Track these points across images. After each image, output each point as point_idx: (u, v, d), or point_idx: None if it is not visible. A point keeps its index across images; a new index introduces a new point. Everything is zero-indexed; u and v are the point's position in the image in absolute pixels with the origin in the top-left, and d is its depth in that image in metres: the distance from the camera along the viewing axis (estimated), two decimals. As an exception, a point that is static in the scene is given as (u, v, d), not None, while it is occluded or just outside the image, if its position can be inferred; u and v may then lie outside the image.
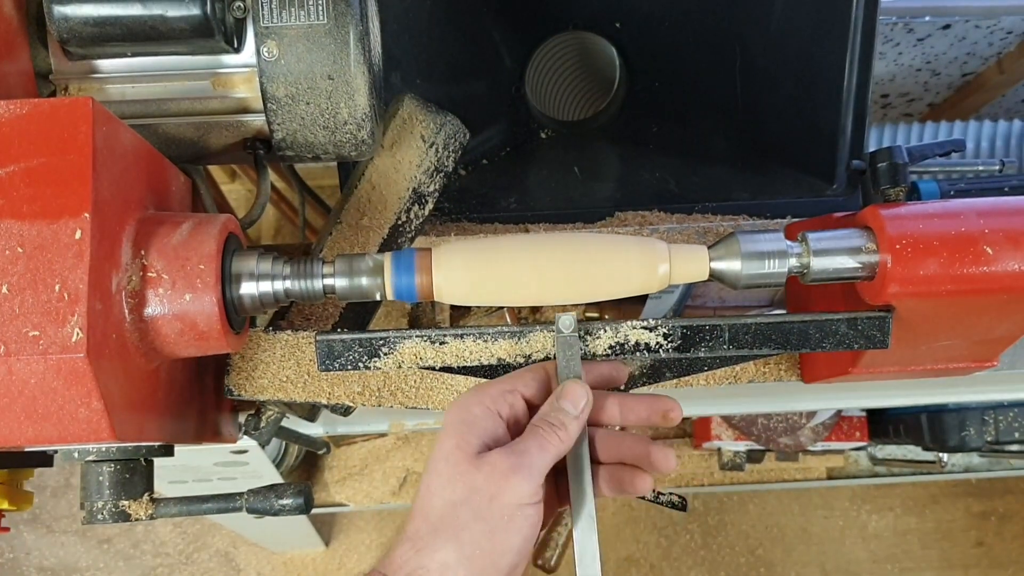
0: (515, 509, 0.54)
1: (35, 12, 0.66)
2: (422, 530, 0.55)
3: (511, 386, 0.60)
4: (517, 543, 0.55)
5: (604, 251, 0.62)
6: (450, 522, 0.54)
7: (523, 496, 0.54)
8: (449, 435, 0.57)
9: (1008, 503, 2.10)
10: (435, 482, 0.56)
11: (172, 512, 0.71)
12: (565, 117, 1.10)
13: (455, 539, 0.54)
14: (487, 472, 0.55)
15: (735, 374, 0.81)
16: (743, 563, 2.06)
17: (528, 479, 0.55)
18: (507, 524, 0.54)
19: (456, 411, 0.58)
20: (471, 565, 0.53)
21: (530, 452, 0.56)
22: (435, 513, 0.55)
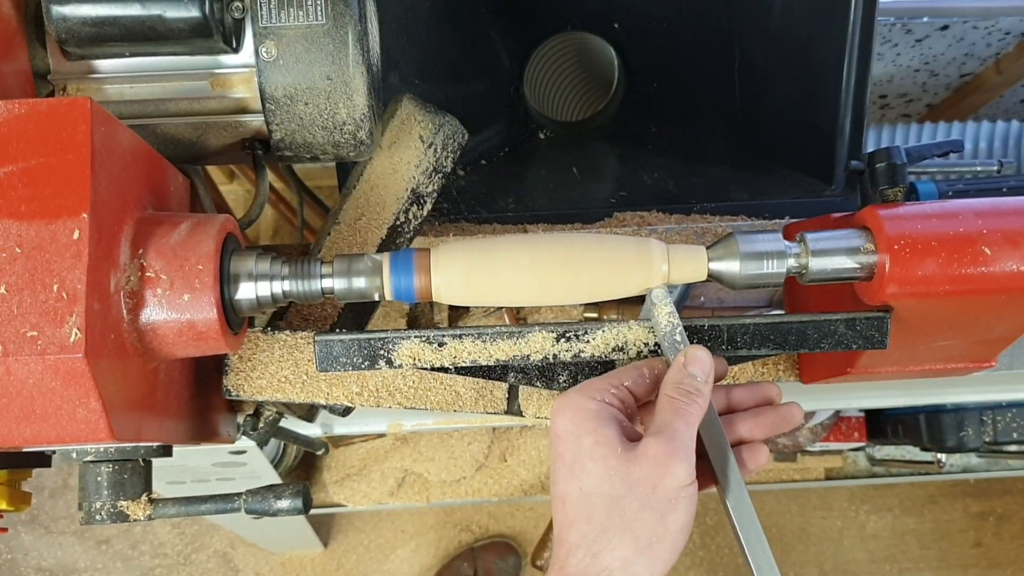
0: (678, 491, 0.54)
1: (34, 12, 0.66)
2: (590, 533, 0.54)
3: (617, 380, 0.59)
4: (685, 522, 0.54)
5: (603, 251, 0.62)
6: (618, 518, 0.53)
7: (683, 478, 0.54)
8: (579, 435, 0.56)
9: (1006, 503, 2.10)
10: (587, 483, 0.54)
11: (170, 513, 0.71)
12: (564, 117, 1.10)
13: (629, 532, 0.53)
14: (643, 462, 0.54)
15: (734, 375, 0.81)
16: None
17: (685, 460, 0.54)
18: (673, 508, 0.54)
19: (574, 409, 0.57)
20: (650, 553, 0.53)
21: (679, 431, 0.55)
22: (599, 513, 0.54)
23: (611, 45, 1.04)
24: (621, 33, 1.03)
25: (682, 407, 0.56)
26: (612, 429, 0.55)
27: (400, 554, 2.05)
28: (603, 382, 0.59)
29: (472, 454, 1.61)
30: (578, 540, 0.54)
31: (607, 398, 0.58)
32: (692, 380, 0.57)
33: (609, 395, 0.58)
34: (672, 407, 0.56)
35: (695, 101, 1.03)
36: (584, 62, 1.07)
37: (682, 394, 0.57)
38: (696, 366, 0.58)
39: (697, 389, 0.57)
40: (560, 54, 1.07)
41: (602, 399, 0.57)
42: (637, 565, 0.53)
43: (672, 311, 0.61)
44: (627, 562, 0.53)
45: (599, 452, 0.55)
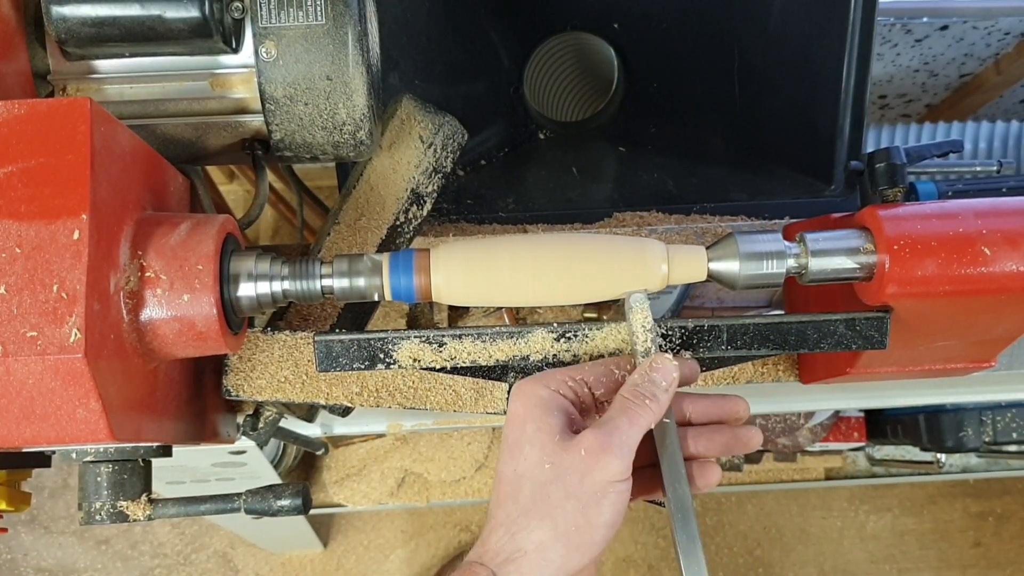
0: (606, 486, 0.54)
1: (33, 12, 0.66)
2: (513, 513, 0.55)
3: (577, 374, 0.60)
4: (610, 518, 0.55)
5: (602, 252, 0.62)
6: (541, 503, 0.54)
7: (614, 473, 0.54)
8: (525, 419, 0.57)
9: (1006, 503, 2.10)
10: (521, 466, 0.56)
11: (170, 513, 0.71)
12: (563, 118, 1.10)
13: (549, 518, 0.54)
14: (576, 452, 0.55)
15: (733, 375, 0.81)
16: (741, 564, 2.06)
17: (619, 456, 0.55)
18: (599, 501, 0.54)
19: (525, 395, 0.58)
20: (567, 541, 0.54)
21: (620, 428, 0.56)
22: (525, 496, 0.55)
23: (611, 45, 1.04)
24: (621, 33, 1.03)
25: (632, 408, 0.57)
26: (556, 418, 0.57)
27: (400, 554, 2.05)
28: (563, 373, 0.60)
29: (472, 454, 1.61)
30: (502, 519, 0.55)
31: (561, 388, 0.59)
32: (651, 385, 0.58)
33: (565, 386, 0.59)
34: (622, 406, 0.57)
35: (695, 101, 1.03)
36: (584, 62, 1.07)
37: (636, 396, 0.57)
38: (659, 373, 0.58)
39: (653, 395, 0.57)
40: (560, 54, 1.07)
41: (555, 389, 0.58)
42: (551, 551, 0.54)
43: (648, 316, 0.62)
44: (542, 546, 0.54)
45: (538, 438, 0.56)
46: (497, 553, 0.54)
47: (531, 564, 0.54)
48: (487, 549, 0.55)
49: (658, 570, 2.05)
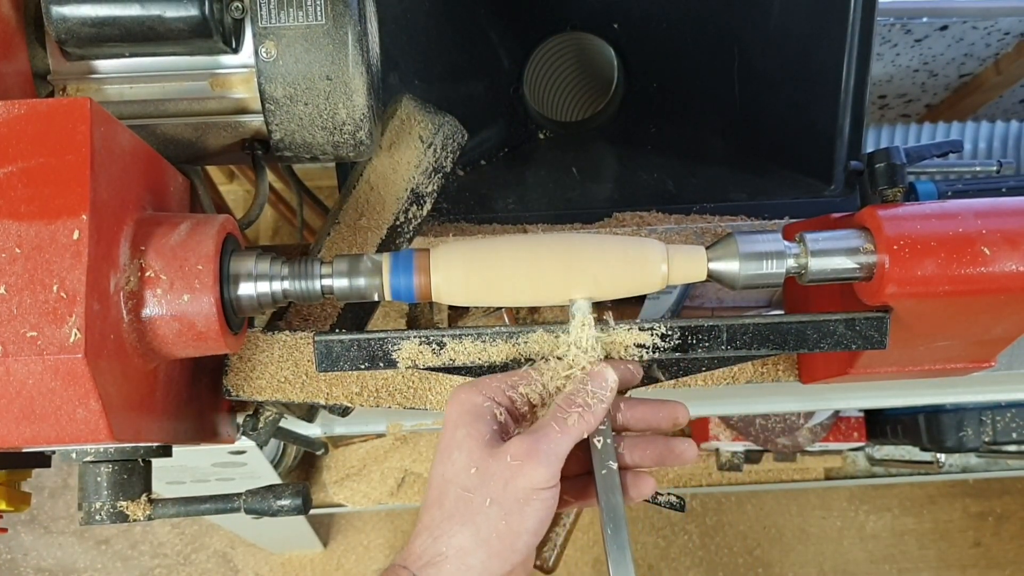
0: (530, 493, 0.55)
1: (33, 12, 0.66)
2: (437, 518, 0.56)
3: (513, 381, 0.60)
4: (532, 526, 0.55)
5: (602, 252, 0.62)
6: (464, 508, 0.55)
7: (538, 481, 0.55)
8: (457, 425, 0.57)
9: (1005, 503, 2.10)
10: (448, 471, 0.56)
11: (170, 513, 0.71)
12: (563, 118, 1.10)
13: (471, 523, 0.54)
14: (502, 459, 0.55)
15: (733, 375, 0.81)
16: (741, 564, 2.06)
17: (545, 464, 0.55)
18: (522, 508, 0.55)
19: (459, 401, 0.59)
20: (488, 548, 0.54)
21: (549, 436, 0.56)
22: (450, 501, 0.55)
23: (611, 45, 1.04)
24: (621, 33, 1.03)
25: (563, 417, 0.57)
26: (487, 425, 0.57)
27: (400, 554, 2.05)
28: (500, 380, 0.60)
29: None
30: (427, 523, 0.56)
31: (496, 395, 0.59)
32: (585, 395, 0.58)
33: (500, 393, 0.59)
34: (554, 414, 0.57)
35: (695, 101, 1.03)
36: (584, 62, 1.07)
37: (570, 405, 0.58)
38: (595, 383, 0.59)
39: (587, 404, 0.58)
40: (560, 54, 1.07)
41: (490, 395, 0.59)
42: (472, 556, 0.54)
43: (590, 324, 0.62)
44: (463, 551, 0.54)
45: (467, 444, 0.56)
46: (419, 556, 0.55)
47: (451, 569, 0.54)
48: (411, 552, 0.56)
49: (658, 570, 2.05)
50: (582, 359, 0.61)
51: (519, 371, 0.62)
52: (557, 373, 0.61)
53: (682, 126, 1.04)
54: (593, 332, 0.62)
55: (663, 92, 1.04)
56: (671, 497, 0.73)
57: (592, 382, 0.59)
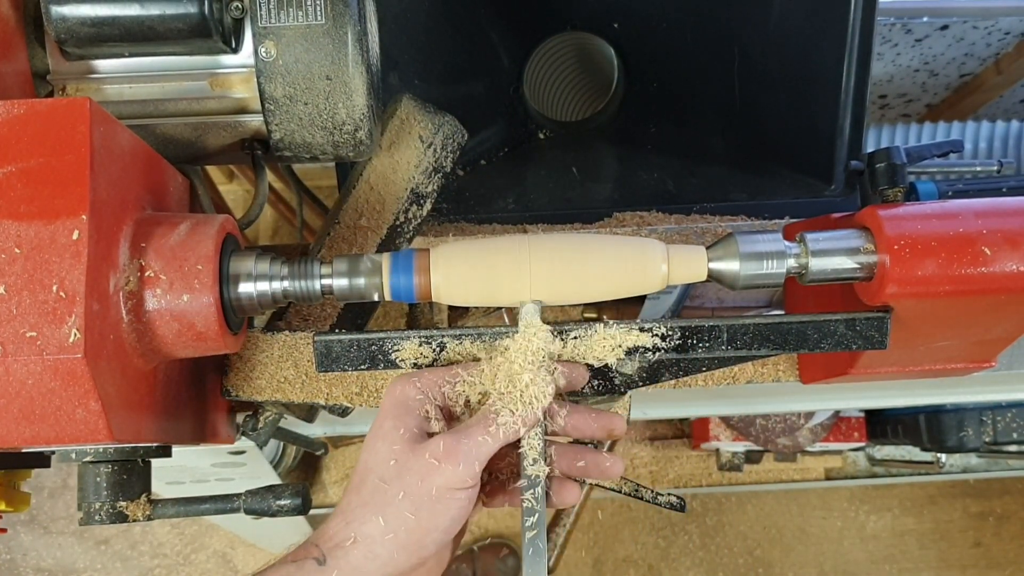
0: (444, 491, 0.55)
1: (33, 12, 0.66)
2: (353, 503, 0.57)
3: (451, 376, 0.60)
4: (443, 524, 0.56)
5: (602, 252, 0.62)
6: (379, 498, 0.56)
7: (454, 480, 0.55)
8: (386, 416, 0.58)
9: (1006, 503, 2.10)
10: (371, 460, 0.57)
11: (169, 513, 0.71)
12: (563, 117, 1.10)
13: (382, 513, 0.55)
14: (421, 455, 0.56)
15: (733, 375, 0.81)
16: (741, 564, 2.06)
17: (463, 464, 0.55)
18: (434, 505, 0.55)
19: (392, 393, 0.59)
20: (396, 540, 0.55)
21: (472, 437, 0.56)
22: (367, 489, 0.56)
23: (611, 45, 1.04)
24: (621, 33, 1.03)
25: (492, 420, 0.57)
26: (414, 418, 0.58)
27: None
28: (438, 374, 0.60)
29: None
30: (343, 507, 0.57)
31: (430, 389, 0.59)
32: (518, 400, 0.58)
33: (435, 387, 0.60)
34: (482, 416, 0.58)
35: (695, 101, 1.03)
36: (584, 62, 1.07)
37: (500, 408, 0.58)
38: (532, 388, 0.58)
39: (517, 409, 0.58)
40: (560, 54, 1.07)
41: (424, 388, 0.59)
42: (379, 546, 0.55)
43: (536, 327, 0.61)
44: (370, 540, 0.55)
45: (391, 436, 0.57)
46: (331, 538, 0.56)
47: (358, 554, 0.55)
48: (324, 532, 0.57)
49: (658, 570, 2.05)
50: (522, 362, 0.60)
51: (459, 366, 0.61)
52: (497, 373, 0.60)
53: (682, 126, 1.04)
54: (543, 335, 0.61)
55: (663, 92, 1.04)
56: (671, 497, 0.73)
57: (528, 387, 0.59)
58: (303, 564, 0.55)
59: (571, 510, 1.56)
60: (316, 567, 0.55)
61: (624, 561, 2.05)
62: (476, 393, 0.61)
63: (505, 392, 0.59)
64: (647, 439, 1.81)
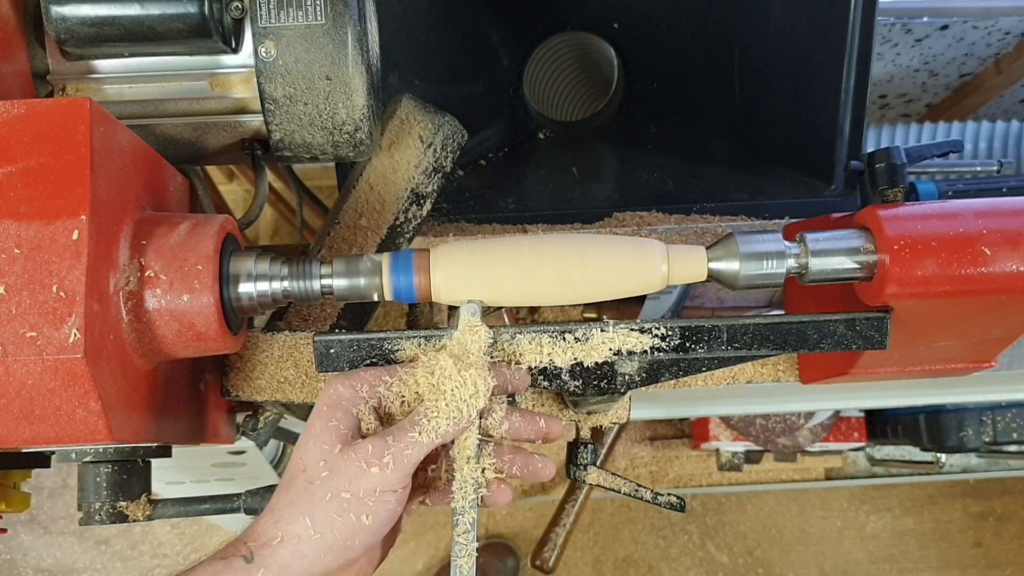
0: (373, 493, 0.55)
1: (33, 12, 0.66)
2: (282, 503, 0.56)
3: (390, 374, 0.60)
4: (372, 526, 0.56)
5: (602, 252, 0.62)
6: (306, 498, 0.56)
7: (383, 483, 0.55)
8: (318, 415, 0.58)
9: (1006, 503, 2.10)
10: (301, 460, 0.57)
11: (169, 513, 0.71)
12: (563, 117, 1.10)
13: (309, 513, 0.55)
14: (350, 456, 0.56)
15: (733, 375, 0.81)
16: (741, 564, 2.06)
17: (393, 467, 0.55)
18: (361, 507, 0.55)
19: (326, 391, 0.59)
20: (323, 540, 0.55)
21: (402, 440, 0.56)
22: (296, 488, 0.56)
23: (611, 45, 1.04)
24: (621, 33, 1.03)
25: (424, 422, 0.57)
26: (347, 419, 0.58)
27: (400, 554, 2.05)
28: (374, 374, 0.60)
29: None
30: (273, 505, 0.57)
31: (365, 389, 0.59)
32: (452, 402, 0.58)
33: (370, 388, 0.59)
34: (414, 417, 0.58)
35: (695, 101, 1.03)
36: (584, 62, 1.07)
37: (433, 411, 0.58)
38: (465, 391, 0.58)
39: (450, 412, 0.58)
40: (560, 54, 1.07)
41: (359, 388, 0.59)
42: (306, 546, 0.55)
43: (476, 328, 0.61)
44: (297, 539, 0.55)
45: (323, 436, 0.57)
46: (259, 536, 0.56)
47: (285, 553, 0.55)
48: (254, 530, 0.57)
49: (658, 570, 2.05)
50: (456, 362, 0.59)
51: (397, 366, 0.61)
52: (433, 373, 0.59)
53: (682, 126, 1.04)
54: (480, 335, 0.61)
55: (663, 92, 1.04)
56: (671, 497, 0.73)
57: (461, 388, 0.58)
58: (231, 562, 0.55)
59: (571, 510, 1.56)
60: (243, 565, 0.54)
61: (624, 561, 2.05)
62: (412, 393, 0.60)
63: (439, 393, 0.58)
64: (647, 439, 1.81)
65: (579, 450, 0.76)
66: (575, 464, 0.76)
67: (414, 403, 0.60)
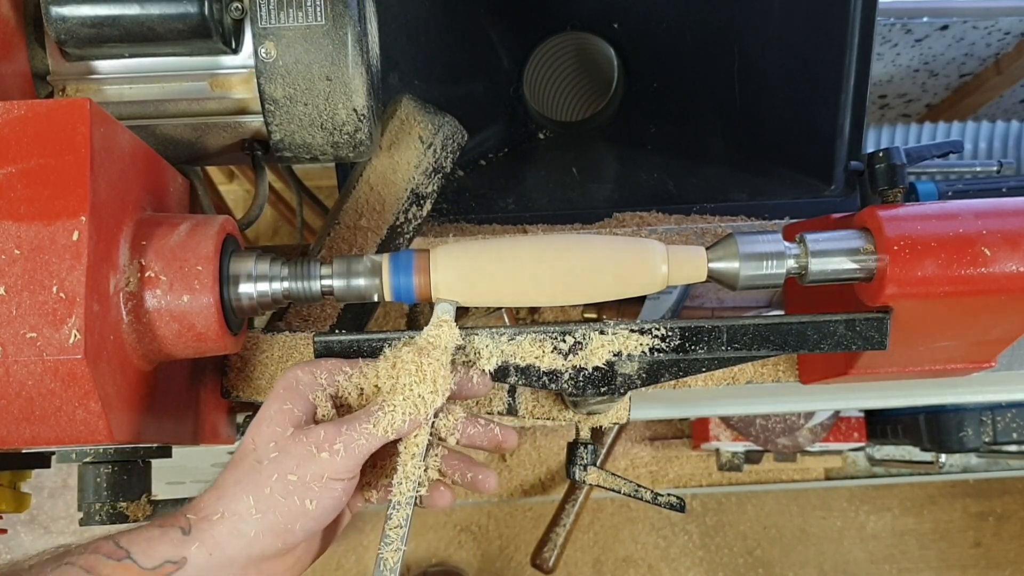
0: (319, 480, 0.55)
1: (33, 13, 0.66)
2: (228, 480, 0.56)
3: (351, 366, 0.60)
4: (316, 512, 0.56)
5: (602, 252, 0.62)
6: (253, 477, 0.55)
7: (331, 470, 0.55)
8: (275, 398, 0.58)
9: (1006, 503, 2.10)
10: (252, 440, 0.57)
11: (170, 513, 0.70)
12: (563, 118, 1.10)
13: (253, 492, 0.55)
14: (301, 441, 0.56)
15: (733, 375, 0.81)
16: (741, 564, 2.06)
17: (342, 455, 0.55)
18: (306, 491, 0.55)
19: (284, 377, 0.59)
20: (263, 520, 0.55)
21: (354, 430, 0.56)
22: (244, 467, 0.56)
23: (611, 45, 1.04)
24: (621, 33, 1.03)
25: (379, 416, 0.57)
26: (303, 404, 0.58)
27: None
28: (336, 364, 0.60)
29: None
30: (219, 482, 0.57)
31: (324, 377, 0.59)
32: (409, 399, 0.58)
33: (330, 376, 0.59)
34: (369, 414, 0.58)
35: (695, 101, 1.03)
36: (584, 62, 1.07)
37: (389, 409, 0.58)
38: (423, 388, 0.58)
39: (405, 408, 0.58)
40: (560, 54, 1.07)
41: (317, 376, 0.59)
42: (246, 524, 0.55)
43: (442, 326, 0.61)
44: (238, 517, 0.55)
45: (276, 419, 0.57)
46: (201, 509, 0.56)
47: (224, 529, 0.55)
48: (197, 503, 0.56)
49: (658, 570, 2.05)
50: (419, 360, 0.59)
51: (357, 360, 0.61)
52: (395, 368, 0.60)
53: (682, 126, 1.04)
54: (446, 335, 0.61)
55: (663, 92, 1.04)
56: (671, 497, 0.73)
57: (420, 385, 0.58)
58: (168, 530, 0.54)
59: (571, 510, 1.56)
60: (180, 536, 0.54)
61: (624, 561, 2.05)
62: (372, 386, 0.60)
63: (397, 387, 0.58)
64: (647, 439, 1.81)
65: (579, 450, 0.76)
66: (575, 464, 0.76)
67: (372, 396, 0.60)
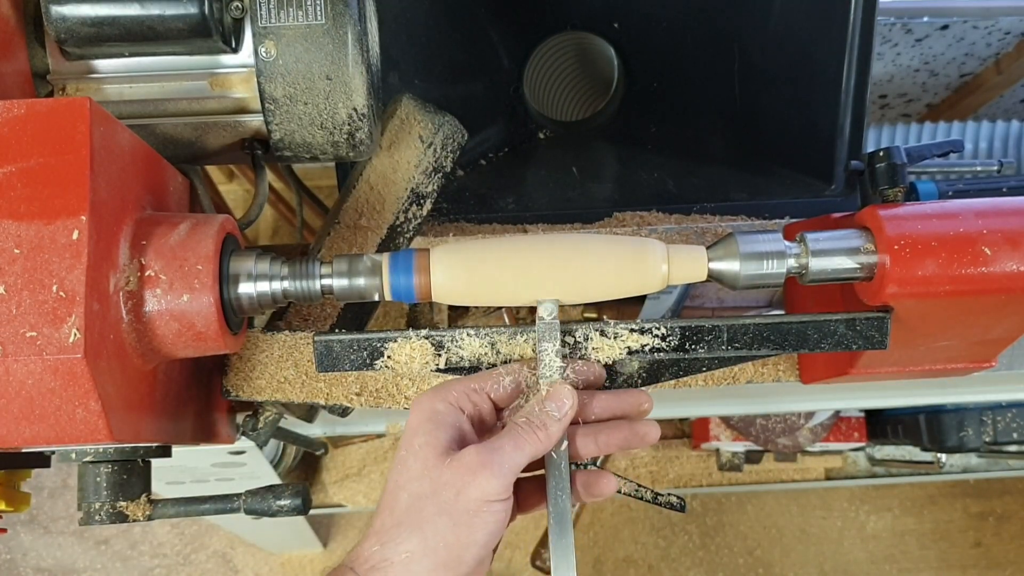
0: (480, 504, 0.55)
1: (33, 12, 0.66)
2: (387, 524, 0.56)
3: (478, 384, 0.60)
4: (482, 538, 0.55)
5: (602, 252, 0.62)
6: (415, 515, 0.55)
7: (489, 492, 0.55)
8: (416, 432, 0.58)
9: (1006, 503, 2.10)
10: (402, 478, 0.56)
11: (170, 513, 0.70)
12: (563, 117, 1.10)
13: (419, 531, 0.54)
14: (455, 468, 0.55)
15: (733, 375, 0.81)
16: (741, 564, 2.06)
17: (498, 476, 0.55)
18: (471, 519, 0.55)
19: (421, 408, 0.59)
20: (435, 557, 0.54)
21: (503, 449, 0.56)
22: (400, 507, 0.56)
23: (611, 45, 1.04)
24: (621, 33, 1.03)
25: (520, 435, 0.57)
26: (445, 433, 0.57)
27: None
28: (465, 384, 0.60)
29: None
30: (377, 527, 0.56)
31: (460, 401, 0.59)
32: (543, 415, 0.58)
33: (464, 399, 0.59)
34: (511, 431, 0.57)
35: (695, 101, 1.03)
36: (584, 62, 1.07)
37: (527, 424, 0.58)
38: (554, 403, 0.59)
39: (544, 424, 0.58)
40: (560, 54, 1.07)
41: (452, 402, 0.59)
42: (418, 564, 0.54)
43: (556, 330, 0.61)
44: (410, 559, 0.54)
45: (423, 452, 0.56)
46: (367, 560, 0.55)
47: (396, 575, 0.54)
48: (359, 555, 0.56)
49: (658, 570, 2.04)
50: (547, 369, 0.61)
51: (484, 373, 0.61)
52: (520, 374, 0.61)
53: (682, 126, 1.04)
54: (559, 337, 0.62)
55: (663, 91, 1.04)
56: (671, 497, 0.73)
57: (551, 402, 0.59)
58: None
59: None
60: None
61: (624, 561, 2.05)
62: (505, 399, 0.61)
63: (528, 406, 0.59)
64: (647, 439, 1.81)
65: (579, 450, 0.76)
66: (575, 464, 0.76)
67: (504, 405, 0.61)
